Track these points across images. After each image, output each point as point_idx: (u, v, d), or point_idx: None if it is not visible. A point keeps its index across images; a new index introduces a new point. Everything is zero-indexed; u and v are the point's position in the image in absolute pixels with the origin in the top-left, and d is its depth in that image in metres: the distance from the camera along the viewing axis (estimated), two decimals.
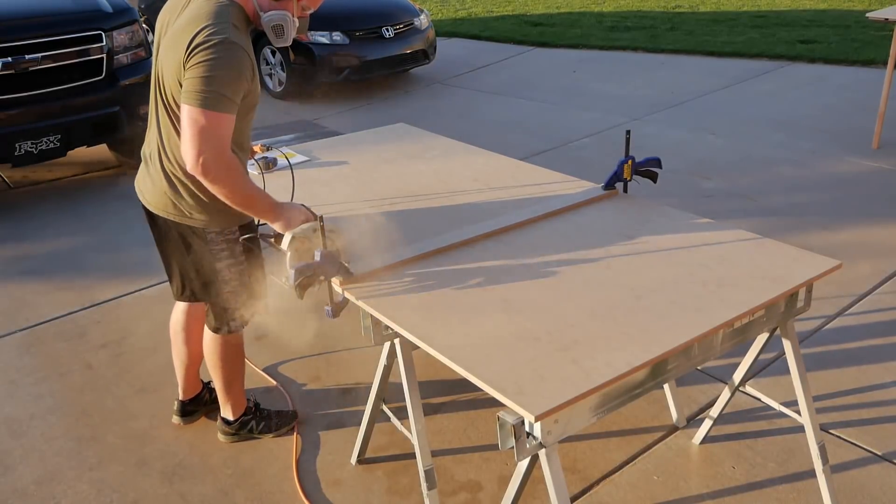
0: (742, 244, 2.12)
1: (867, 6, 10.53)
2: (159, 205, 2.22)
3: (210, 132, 1.93)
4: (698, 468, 2.48)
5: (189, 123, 1.93)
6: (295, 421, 2.75)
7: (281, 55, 7.49)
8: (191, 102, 1.93)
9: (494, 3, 12.41)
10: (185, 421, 2.76)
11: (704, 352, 1.86)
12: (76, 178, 5.38)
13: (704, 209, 4.33)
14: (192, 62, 1.94)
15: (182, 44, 1.96)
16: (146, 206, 2.30)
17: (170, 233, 2.30)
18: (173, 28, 2.06)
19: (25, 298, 3.73)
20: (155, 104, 2.18)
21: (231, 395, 2.60)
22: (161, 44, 2.11)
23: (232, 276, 2.30)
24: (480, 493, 2.42)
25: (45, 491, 2.50)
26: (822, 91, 6.76)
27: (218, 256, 2.26)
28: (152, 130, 2.22)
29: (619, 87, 7.29)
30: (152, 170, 2.22)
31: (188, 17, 2.01)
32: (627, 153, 2.47)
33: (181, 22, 2.02)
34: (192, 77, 1.93)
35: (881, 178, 4.78)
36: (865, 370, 2.91)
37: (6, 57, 4.47)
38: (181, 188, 2.17)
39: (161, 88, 2.11)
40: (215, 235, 2.24)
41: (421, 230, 2.35)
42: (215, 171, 1.96)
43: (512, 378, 1.59)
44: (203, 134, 1.92)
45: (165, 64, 2.05)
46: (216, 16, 1.98)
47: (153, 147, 2.22)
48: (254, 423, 2.67)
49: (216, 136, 1.94)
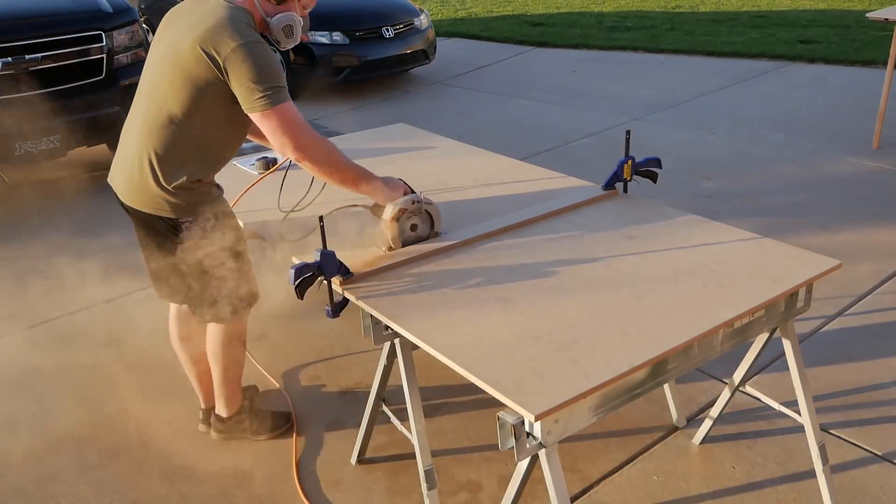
0: (742, 244, 2.12)
1: (867, 6, 10.53)
2: (136, 199, 2.22)
3: (289, 124, 2.02)
4: (698, 468, 2.48)
5: (270, 128, 2.02)
6: (290, 423, 2.74)
7: (281, 55, 7.48)
8: (258, 109, 2.01)
9: (494, 3, 12.41)
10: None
11: (704, 352, 1.86)
12: (76, 178, 5.38)
13: (704, 209, 4.33)
14: (233, 71, 2.00)
15: (207, 49, 1.99)
16: (124, 203, 2.29)
17: (151, 230, 2.28)
18: (182, 30, 2.07)
19: (25, 298, 3.73)
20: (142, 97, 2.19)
21: (227, 389, 2.58)
22: (164, 43, 2.12)
23: (216, 264, 2.28)
24: (480, 493, 2.42)
25: (45, 491, 2.50)
26: (822, 91, 6.76)
27: (198, 246, 2.25)
28: (134, 125, 2.20)
29: (619, 87, 7.29)
30: (129, 164, 2.21)
31: (207, 25, 2.02)
32: (627, 153, 2.47)
33: (197, 29, 2.03)
34: (243, 86, 2.00)
35: (881, 178, 4.78)
36: (865, 370, 2.91)
37: (6, 57, 4.47)
38: (152, 179, 2.16)
39: (155, 82, 2.12)
40: (189, 224, 2.22)
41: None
42: (314, 154, 2.06)
43: (512, 378, 1.59)
44: (286, 129, 2.02)
45: (167, 63, 2.07)
46: (234, 21, 2.02)
47: (131, 141, 2.20)
48: (248, 423, 2.66)
49: (295, 124, 2.03)
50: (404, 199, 2.14)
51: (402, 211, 2.14)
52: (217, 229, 2.25)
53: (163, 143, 2.13)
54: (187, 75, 2.05)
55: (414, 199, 2.15)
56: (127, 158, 2.23)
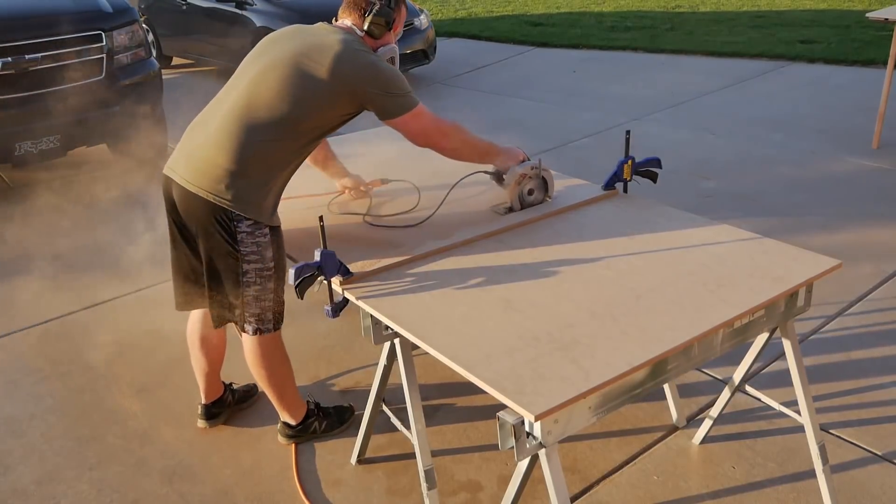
0: (742, 244, 2.12)
1: (867, 6, 10.53)
2: (202, 183, 2.16)
3: (426, 123, 2.24)
4: (698, 468, 2.48)
5: (417, 128, 2.24)
6: (353, 416, 2.74)
7: None
8: (396, 115, 2.19)
9: (494, 3, 12.42)
10: (211, 424, 2.75)
11: (704, 351, 1.86)
12: (76, 178, 5.38)
13: (704, 209, 4.33)
14: (366, 89, 2.14)
15: (328, 73, 2.10)
16: (179, 195, 2.22)
17: (202, 228, 2.22)
18: (296, 51, 2.14)
19: (25, 298, 3.73)
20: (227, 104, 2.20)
21: (286, 401, 2.56)
22: (263, 60, 2.18)
23: (254, 280, 2.25)
24: (480, 493, 2.42)
25: (45, 491, 2.50)
26: (822, 91, 6.76)
27: (247, 258, 2.21)
28: (221, 128, 2.18)
29: (619, 87, 7.29)
30: (201, 153, 2.18)
31: (326, 53, 2.11)
32: (627, 153, 2.47)
33: (318, 50, 2.13)
34: (379, 100, 2.17)
35: (881, 178, 4.78)
36: (865, 370, 2.91)
37: (6, 57, 4.47)
38: (228, 174, 2.14)
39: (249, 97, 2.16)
40: (245, 236, 2.18)
41: (421, 230, 2.35)
42: (454, 143, 2.29)
43: (512, 378, 1.59)
44: (426, 128, 2.24)
45: (274, 79, 2.13)
46: (348, 42, 2.16)
47: (210, 138, 2.18)
48: (317, 424, 2.66)
49: (431, 122, 2.25)
50: (523, 165, 2.37)
51: (522, 176, 2.37)
52: (269, 241, 2.24)
53: (253, 150, 2.14)
54: (301, 93, 2.11)
55: (532, 165, 2.38)
56: (200, 152, 2.19)
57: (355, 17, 2.26)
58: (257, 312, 2.30)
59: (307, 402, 2.68)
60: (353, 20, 2.27)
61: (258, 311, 2.30)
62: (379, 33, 2.28)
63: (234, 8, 7.97)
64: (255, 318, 2.31)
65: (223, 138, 2.15)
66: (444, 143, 2.29)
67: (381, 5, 2.26)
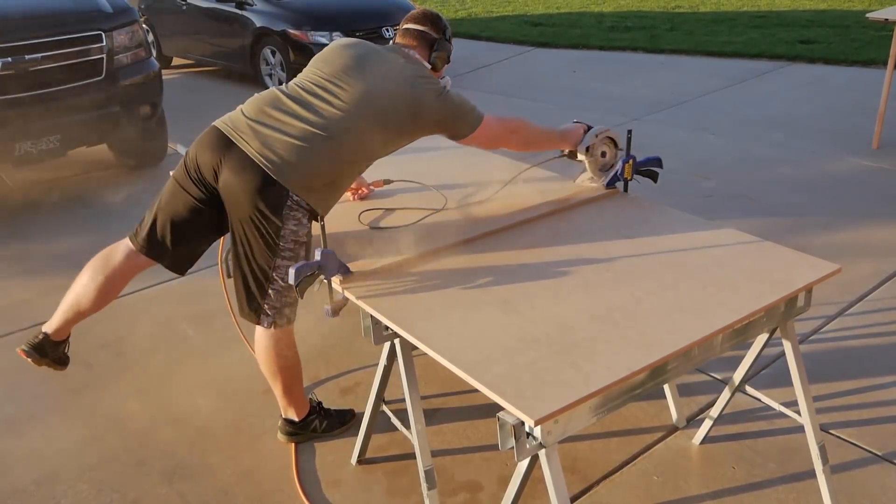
0: (742, 247, 2.12)
1: (867, 6, 10.53)
2: (282, 174, 2.12)
3: (495, 131, 2.39)
4: (698, 468, 2.48)
5: (484, 142, 2.40)
6: (353, 418, 2.75)
7: (281, 56, 7.49)
8: (468, 131, 2.33)
9: (494, 3, 12.41)
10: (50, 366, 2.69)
11: (704, 353, 1.86)
12: (76, 178, 5.38)
13: (704, 209, 4.34)
14: (448, 125, 2.31)
15: (424, 119, 2.25)
16: (237, 167, 2.14)
17: (245, 213, 2.18)
18: (383, 73, 2.24)
19: (26, 298, 3.73)
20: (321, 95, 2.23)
21: (292, 396, 2.58)
22: (361, 85, 2.22)
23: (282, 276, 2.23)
24: (480, 493, 2.42)
25: (45, 491, 2.50)
26: (822, 91, 6.76)
27: (282, 253, 2.19)
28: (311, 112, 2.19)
29: (619, 87, 7.29)
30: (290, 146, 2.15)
31: (422, 99, 2.23)
32: (628, 153, 2.48)
33: (391, 77, 2.23)
34: (454, 129, 2.33)
35: (881, 178, 4.78)
36: (865, 370, 2.91)
37: (6, 57, 4.47)
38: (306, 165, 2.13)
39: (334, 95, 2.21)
40: (289, 233, 2.16)
41: (421, 230, 2.35)
42: (524, 138, 2.45)
43: (512, 381, 1.59)
44: (496, 135, 2.40)
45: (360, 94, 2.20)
46: (433, 83, 2.29)
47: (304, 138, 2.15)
48: (318, 423, 2.67)
49: (498, 127, 2.40)
50: (587, 136, 2.50)
51: (592, 146, 2.51)
52: (307, 242, 2.24)
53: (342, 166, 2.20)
54: (395, 133, 2.24)
55: (596, 132, 2.50)
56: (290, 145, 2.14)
57: (422, 50, 2.40)
58: (278, 306, 2.31)
59: (310, 399, 2.69)
60: (421, 53, 2.39)
61: (279, 305, 2.30)
62: (440, 66, 2.44)
63: (234, 8, 7.97)
64: (275, 312, 2.31)
65: (319, 144, 2.13)
66: (514, 139, 2.45)
67: (442, 40, 2.46)
